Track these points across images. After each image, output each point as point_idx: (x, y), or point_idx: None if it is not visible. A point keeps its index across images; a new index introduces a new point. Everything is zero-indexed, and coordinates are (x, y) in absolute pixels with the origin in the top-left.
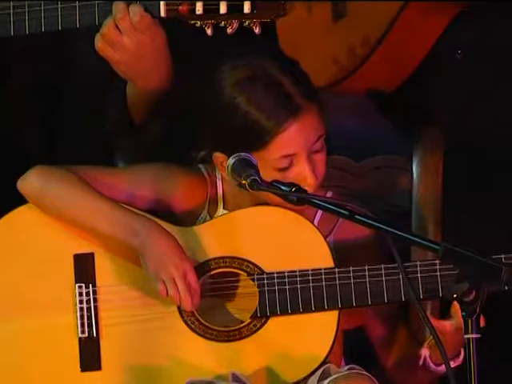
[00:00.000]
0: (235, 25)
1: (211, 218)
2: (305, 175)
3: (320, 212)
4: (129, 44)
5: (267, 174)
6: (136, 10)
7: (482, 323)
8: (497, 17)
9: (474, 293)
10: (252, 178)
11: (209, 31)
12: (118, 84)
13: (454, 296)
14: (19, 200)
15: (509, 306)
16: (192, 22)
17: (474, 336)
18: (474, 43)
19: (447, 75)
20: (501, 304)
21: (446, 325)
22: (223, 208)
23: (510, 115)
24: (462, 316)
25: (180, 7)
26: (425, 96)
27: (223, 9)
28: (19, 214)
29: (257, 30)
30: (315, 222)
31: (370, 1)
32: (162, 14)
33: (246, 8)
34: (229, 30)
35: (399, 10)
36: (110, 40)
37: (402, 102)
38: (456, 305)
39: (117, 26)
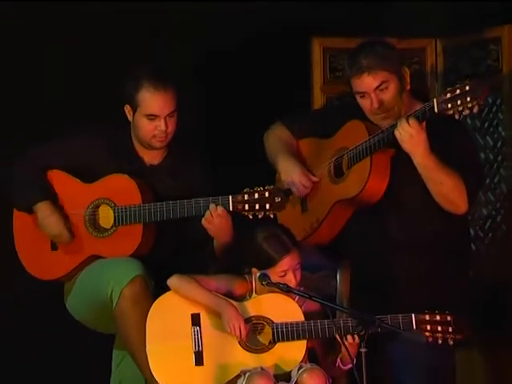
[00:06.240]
0: (262, 214)
1: (250, 298)
2: (291, 280)
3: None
4: (215, 222)
5: (275, 278)
6: (221, 209)
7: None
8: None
9: (364, 331)
10: (267, 281)
11: (250, 216)
12: (212, 241)
13: (356, 331)
14: (167, 289)
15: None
16: (242, 212)
17: (363, 350)
18: (366, 221)
19: (349, 237)
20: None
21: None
22: (255, 293)
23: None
24: (359, 341)
25: (239, 207)
26: (339, 246)
27: (257, 207)
28: (168, 295)
29: (272, 216)
30: (295, 300)
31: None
32: (231, 209)
33: (267, 206)
34: (259, 216)
35: (331, 205)
36: (208, 220)
37: (330, 251)
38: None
39: (211, 214)
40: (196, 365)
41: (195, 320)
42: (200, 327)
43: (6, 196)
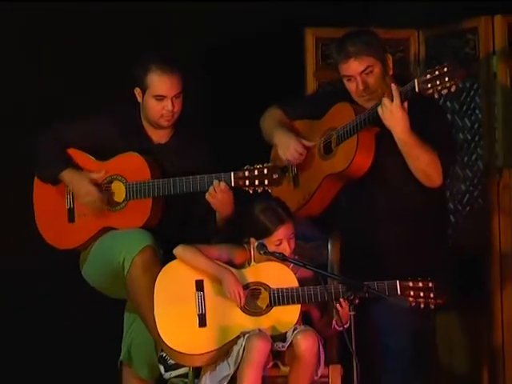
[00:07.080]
0: (261, 189)
1: (249, 266)
2: (286, 249)
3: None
4: (218, 196)
5: (271, 247)
6: (223, 184)
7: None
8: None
9: (352, 296)
10: (264, 250)
11: (251, 191)
12: (215, 214)
13: (346, 296)
14: (173, 257)
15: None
16: (243, 188)
17: (352, 313)
18: (351, 196)
19: (339, 210)
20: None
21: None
22: (254, 261)
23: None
24: (348, 305)
25: (240, 182)
26: (330, 218)
27: (257, 183)
28: (174, 263)
29: (270, 191)
30: (290, 267)
31: None
32: (232, 185)
33: (266, 182)
34: (259, 190)
35: (321, 180)
36: (212, 194)
37: (322, 223)
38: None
39: (214, 189)
40: (199, 326)
41: (199, 286)
42: (203, 292)
43: (25, 170)
